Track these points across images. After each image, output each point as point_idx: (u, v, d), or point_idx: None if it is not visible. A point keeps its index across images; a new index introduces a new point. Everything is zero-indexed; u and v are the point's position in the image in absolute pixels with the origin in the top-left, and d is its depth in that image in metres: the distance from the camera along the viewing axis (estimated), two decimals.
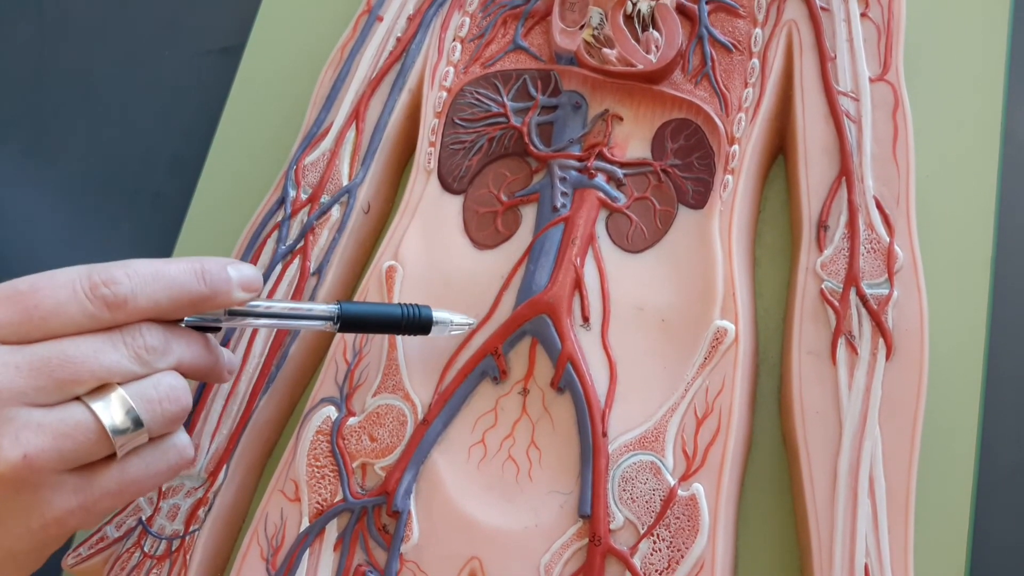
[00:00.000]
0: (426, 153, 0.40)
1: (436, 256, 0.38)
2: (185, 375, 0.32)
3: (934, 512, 0.33)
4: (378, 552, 0.35)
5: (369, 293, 0.38)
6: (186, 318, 0.33)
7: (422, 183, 0.40)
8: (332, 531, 0.35)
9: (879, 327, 0.34)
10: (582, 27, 0.39)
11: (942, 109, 0.38)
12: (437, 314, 0.35)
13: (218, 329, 0.34)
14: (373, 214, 0.41)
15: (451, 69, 0.41)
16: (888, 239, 0.35)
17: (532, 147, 0.39)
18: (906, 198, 0.35)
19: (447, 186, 0.39)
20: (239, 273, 0.33)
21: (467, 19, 0.42)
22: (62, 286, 0.30)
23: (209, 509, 0.37)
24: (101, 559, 0.37)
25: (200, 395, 0.38)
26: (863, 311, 0.34)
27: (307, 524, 0.36)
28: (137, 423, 0.30)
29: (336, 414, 0.37)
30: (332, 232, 0.40)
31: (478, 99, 0.40)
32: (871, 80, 0.37)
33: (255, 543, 0.36)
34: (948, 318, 0.35)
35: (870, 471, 0.32)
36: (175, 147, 0.49)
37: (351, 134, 0.41)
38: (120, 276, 0.31)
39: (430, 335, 0.35)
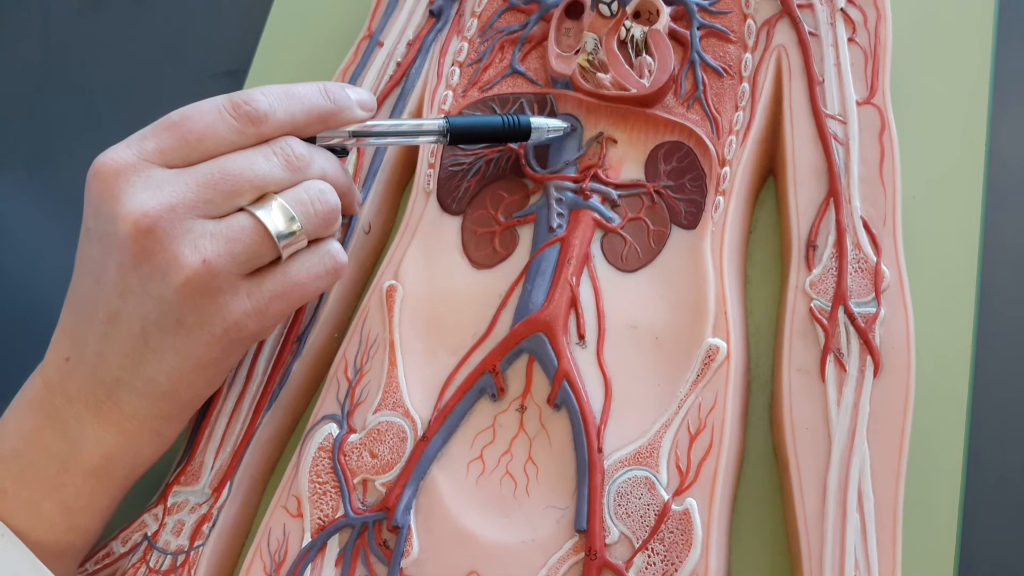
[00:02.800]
0: (425, 175, 0.41)
1: (435, 275, 0.39)
2: None
3: (922, 525, 0.34)
4: (379, 567, 0.35)
5: (370, 312, 0.39)
6: (317, 140, 0.36)
7: (422, 204, 0.41)
8: (334, 546, 0.36)
9: (867, 345, 0.34)
10: (577, 52, 0.40)
11: (927, 131, 0.39)
12: (535, 121, 0.39)
13: (345, 152, 0.38)
14: (374, 234, 0.42)
15: (450, 93, 0.42)
16: (875, 258, 0.36)
17: (529, 169, 0.40)
18: (892, 218, 0.36)
19: (446, 207, 0.40)
20: (357, 94, 0.37)
21: (465, 44, 0.43)
22: (208, 110, 0.34)
23: (213, 525, 0.37)
24: (107, 574, 0.37)
25: (205, 412, 0.39)
26: (851, 329, 0.35)
27: (309, 539, 0.36)
28: (297, 225, 0.34)
29: (337, 431, 0.38)
30: None
31: None
32: (858, 103, 0.38)
33: (258, 558, 0.37)
34: (934, 335, 0.36)
35: (859, 485, 0.33)
36: None
37: (352, 156, 0.42)
38: (257, 95, 0.34)
39: (530, 141, 0.39)
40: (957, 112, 0.39)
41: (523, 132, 0.38)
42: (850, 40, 0.39)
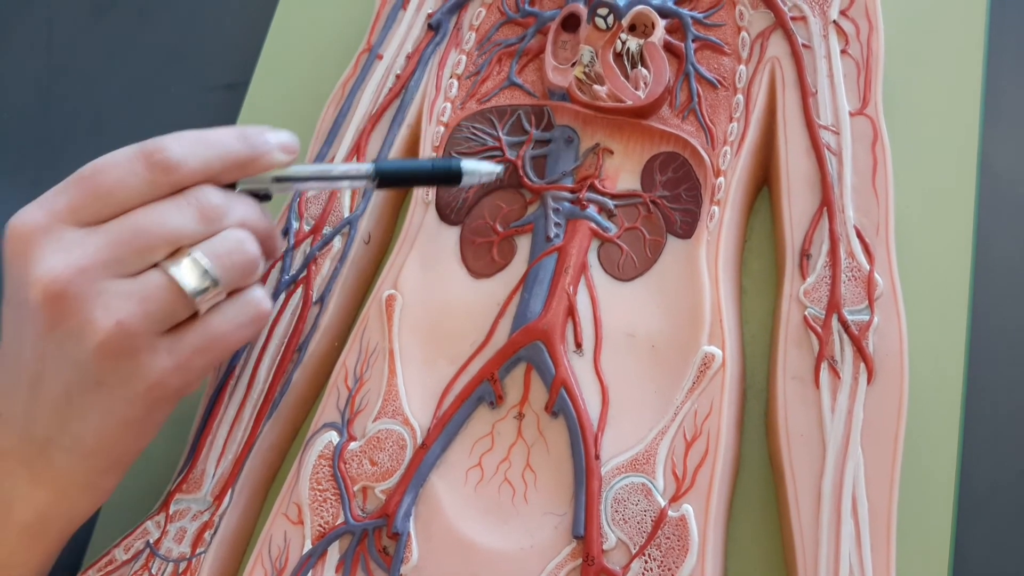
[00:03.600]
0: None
1: (434, 285, 0.40)
2: None
3: (915, 531, 0.34)
4: (379, 573, 0.36)
5: (370, 321, 0.40)
6: (238, 185, 0.35)
7: (421, 214, 0.41)
8: (334, 553, 0.36)
9: (860, 352, 0.35)
10: (574, 65, 0.41)
11: (920, 142, 0.39)
12: (466, 164, 0.37)
13: (268, 197, 0.36)
14: (373, 245, 0.43)
15: (448, 105, 0.43)
16: (868, 267, 0.36)
17: (526, 179, 0.40)
18: (885, 227, 0.37)
19: (445, 217, 0.41)
20: (278, 137, 0.35)
21: (464, 57, 0.43)
22: (119, 162, 0.33)
23: (215, 532, 0.38)
24: None
25: (206, 421, 0.39)
26: (845, 337, 0.35)
27: (310, 546, 0.37)
28: (211, 279, 0.33)
29: (338, 439, 0.38)
30: (334, 262, 0.41)
31: (474, 133, 0.42)
32: (851, 114, 0.38)
33: (259, 565, 0.37)
34: (927, 343, 0.36)
35: (853, 491, 0.33)
36: None
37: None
38: (169, 143, 0.33)
39: (462, 185, 0.37)
40: (949, 122, 0.40)
41: (453, 176, 0.37)
42: (843, 52, 0.39)
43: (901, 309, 0.35)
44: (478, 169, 0.37)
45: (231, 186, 0.35)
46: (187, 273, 0.32)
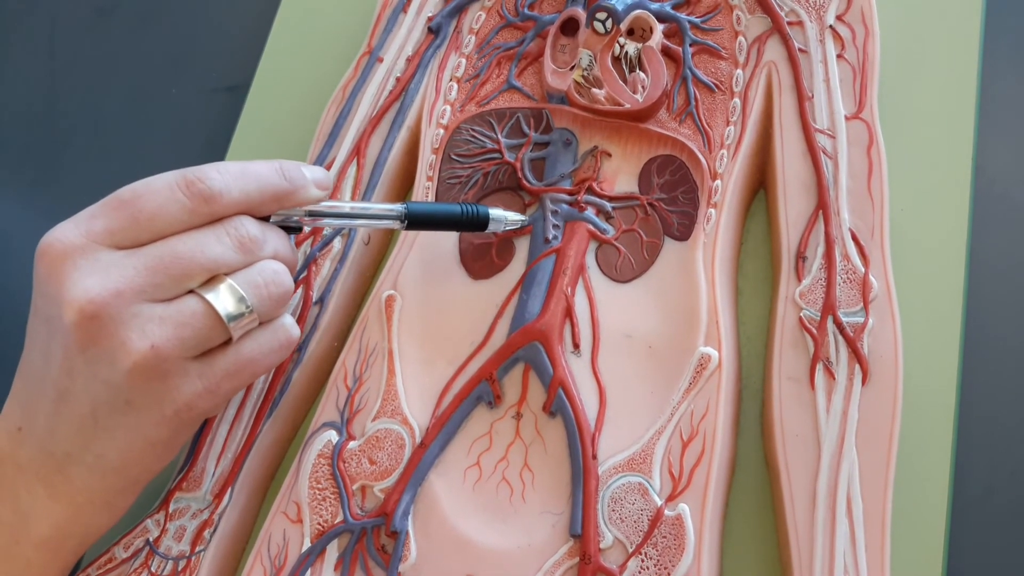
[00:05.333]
0: (424, 187, 0.42)
1: (433, 286, 0.40)
2: None
3: (910, 531, 0.34)
4: (377, 571, 0.36)
5: (369, 321, 0.40)
6: (272, 218, 0.35)
7: None
8: (333, 551, 0.37)
9: (855, 353, 0.35)
10: (572, 68, 0.41)
11: (915, 145, 0.40)
12: (493, 212, 0.38)
13: (299, 230, 0.37)
14: (373, 245, 0.43)
15: (448, 108, 0.43)
16: (863, 269, 0.36)
17: (525, 181, 0.40)
18: (880, 230, 0.37)
19: None
20: (312, 173, 0.36)
21: (463, 60, 0.44)
22: (160, 189, 0.33)
23: (214, 530, 0.38)
24: None
25: (206, 421, 0.39)
26: (840, 338, 0.36)
27: (308, 545, 0.37)
28: (247, 307, 0.33)
29: (337, 438, 0.38)
30: (334, 263, 0.42)
31: (474, 136, 0.42)
32: (847, 118, 0.39)
33: (258, 563, 0.37)
34: (921, 345, 0.36)
35: (848, 491, 0.34)
36: None
37: (352, 169, 0.43)
38: (211, 173, 0.33)
39: (488, 231, 0.38)
40: (944, 126, 0.40)
41: (481, 222, 0.38)
42: (839, 56, 0.40)
43: (896, 311, 0.36)
44: (504, 217, 0.39)
45: (265, 218, 0.35)
46: (224, 299, 0.33)
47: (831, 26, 0.40)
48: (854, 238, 0.37)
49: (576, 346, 0.38)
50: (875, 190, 0.37)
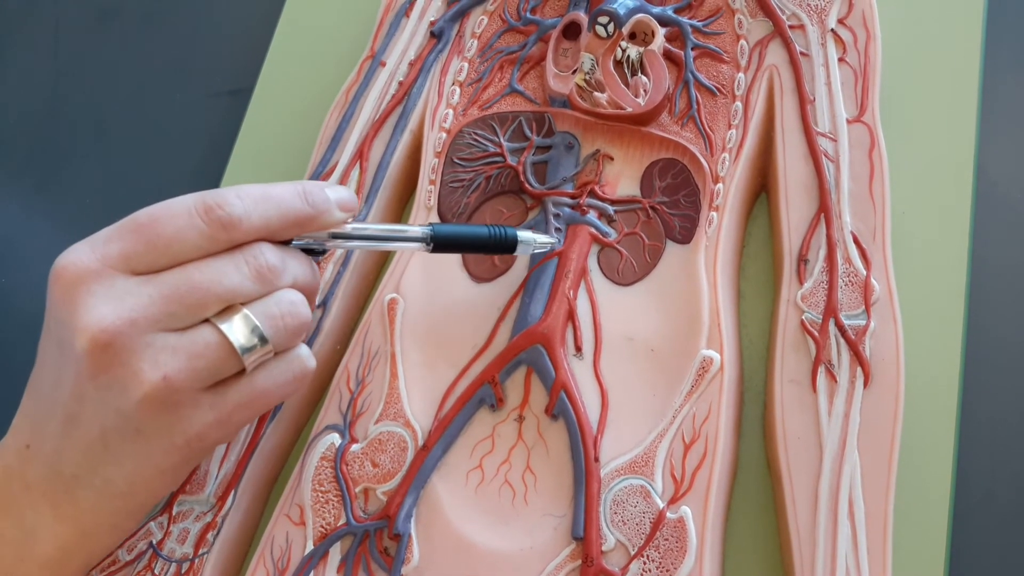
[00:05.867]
0: (426, 191, 0.42)
1: (436, 289, 0.40)
2: None
3: (911, 533, 0.34)
4: (380, 574, 0.36)
5: (372, 324, 0.40)
6: (294, 240, 0.34)
7: (423, 219, 0.42)
8: (336, 554, 0.37)
9: (857, 356, 0.35)
10: (574, 72, 0.41)
11: (916, 148, 0.40)
12: (522, 234, 0.37)
13: (323, 252, 0.36)
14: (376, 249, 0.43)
15: (450, 111, 0.43)
16: (865, 272, 0.36)
17: (527, 185, 0.41)
18: (882, 233, 0.37)
19: (446, 222, 0.41)
20: (337, 194, 0.35)
21: (466, 64, 0.44)
22: (179, 213, 0.32)
23: (218, 533, 0.38)
24: None
25: None
26: (842, 341, 0.36)
27: (311, 547, 0.37)
28: (262, 339, 0.32)
29: (340, 441, 0.38)
30: (337, 266, 0.42)
31: (476, 140, 0.42)
32: (848, 121, 0.39)
33: (262, 566, 0.37)
34: (923, 347, 0.36)
35: (849, 494, 0.34)
36: (186, 185, 0.49)
37: (355, 173, 0.43)
38: (232, 198, 0.32)
39: (516, 253, 0.37)
40: (945, 130, 0.40)
41: (509, 244, 0.37)
42: (840, 60, 0.40)
43: (897, 314, 0.36)
44: (533, 240, 0.37)
45: (287, 240, 0.34)
46: (239, 331, 0.32)
47: (833, 29, 0.40)
48: (856, 241, 0.37)
49: (578, 349, 0.38)
50: (877, 193, 0.38)
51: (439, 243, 0.36)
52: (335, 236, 0.35)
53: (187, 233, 0.32)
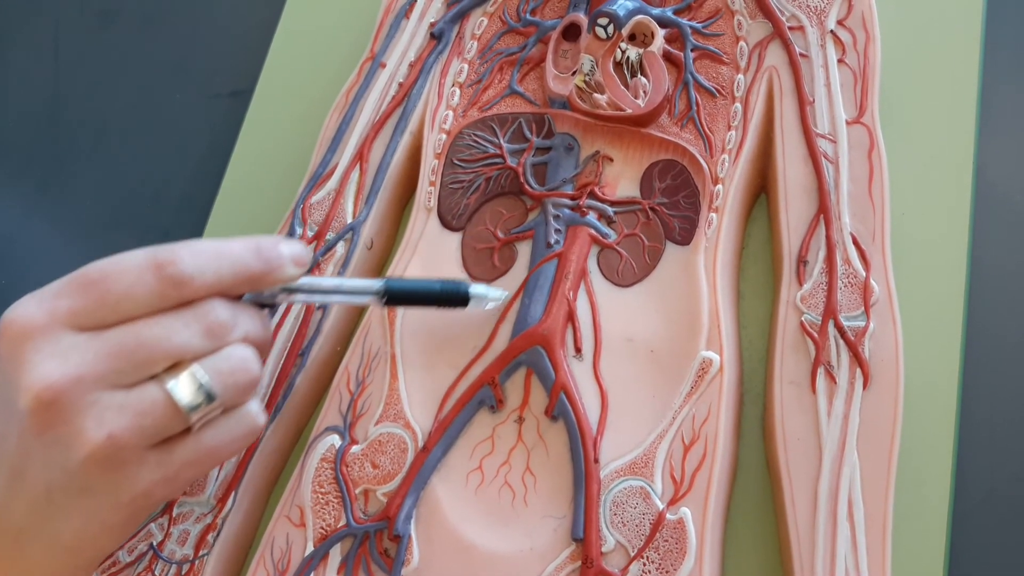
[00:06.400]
0: (426, 192, 0.42)
1: None
2: None
3: (911, 534, 0.34)
4: (380, 575, 0.36)
5: (372, 326, 0.40)
6: (246, 295, 0.34)
7: (423, 221, 0.42)
8: (336, 555, 0.37)
9: (856, 358, 0.35)
10: (574, 73, 0.41)
11: (916, 149, 0.40)
12: (474, 289, 0.37)
13: (275, 306, 0.36)
14: (376, 250, 0.43)
15: (450, 113, 0.43)
16: (864, 274, 0.36)
17: (527, 186, 0.41)
18: (881, 234, 0.37)
19: (446, 223, 0.41)
20: (290, 249, 0.35)
21: (466, 66, 0.44)
22: (129, 270, 0.31)
23: (218, 534, 0.38)
24: None
25: None
26: (841, 342, 0.36)
27: (311, 548, 0.37)
28: (209, 397, 0.32)
29: (340, 442, 0.38)
30: (337, 268, 0.42)
31: (476, 141, 0.42)
32: (848, 123, 0.39)
33: (262, 567, 0.37)
34: (922, 349, 0.36)
35: (849, 495, 0.34)
36: (185, 187, 0.50)
37: (355, 174, 0.43)
38: (184, 255, 0.32)
39: (467, 308, 0.37)
40: (945, 131, 0.40)
41: (461, 299, 0.37)
42: (840, 61, 0.40)
43: (897, 315, 0.36)
44: (486, 294, 0.37)
45: (239, 296, 0.34)
46: (185, 389, 0.31)
47: (832, 31, 0.40)
48: (855, 242, 0.37)
49: (578, 350, 0.38)
50: (876, 194, 0.38)
51: (392, 297, 0.36)
52: (287, 290, 0.35)
53: (137, 290, 0.31)
